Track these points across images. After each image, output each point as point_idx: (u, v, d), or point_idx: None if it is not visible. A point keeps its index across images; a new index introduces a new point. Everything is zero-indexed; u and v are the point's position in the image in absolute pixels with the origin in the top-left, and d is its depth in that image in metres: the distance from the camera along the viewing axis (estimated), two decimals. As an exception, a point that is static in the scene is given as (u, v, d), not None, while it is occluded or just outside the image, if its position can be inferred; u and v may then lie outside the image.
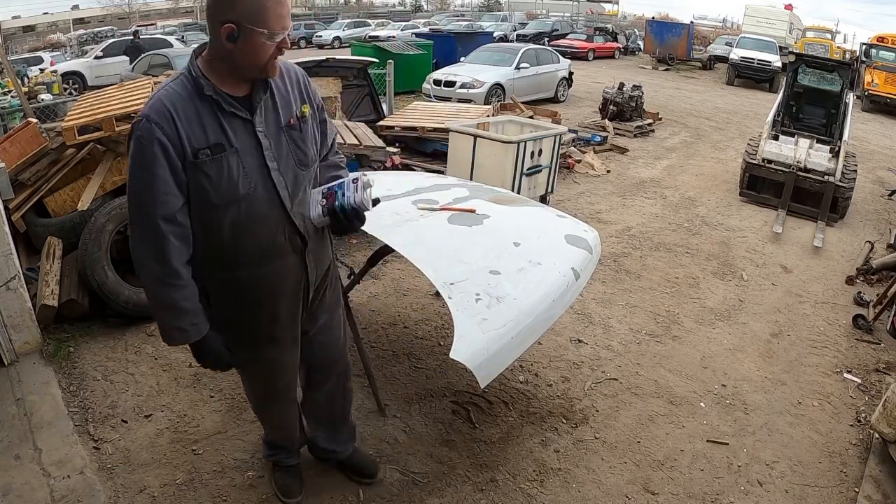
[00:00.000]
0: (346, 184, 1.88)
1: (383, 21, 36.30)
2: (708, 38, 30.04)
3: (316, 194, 1.91)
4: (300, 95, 1.89)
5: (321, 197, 1.89)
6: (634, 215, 6.94)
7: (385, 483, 2.72)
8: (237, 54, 1.63)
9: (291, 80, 1.88)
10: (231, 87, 1.71)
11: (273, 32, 1.61)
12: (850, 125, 7.81)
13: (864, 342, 4.49)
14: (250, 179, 1.75)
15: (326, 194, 1.89)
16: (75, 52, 22.17)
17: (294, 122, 1.83)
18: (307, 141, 1.88)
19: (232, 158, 1.71)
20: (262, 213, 1.80)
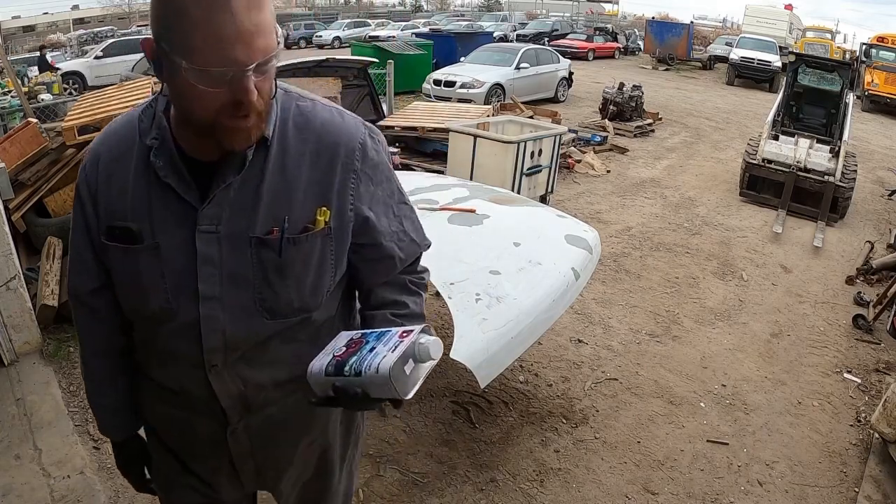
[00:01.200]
0: (389, 334, 1.04)
1: (383, 21, 36.30)
2: (708, 38, 30.04)
3: (338, 340, 1.10)
4: (325, 187, 1.07)
5: (343, 344, 1.07)
6: (634, 215, 6.94)
7: (385, 483, 2.72)
8: (170, 93, 0.97)
9: (322, 153, 1.06)
10: (192, 141, 1.01)
11: (201, 69, 0.86)
12: (850, 125, 7.81)
13: (864, 342, 4.49)
14: (169, 297, 1.04)
15: (351, 342, 1.07)
16: (75, 52, 22.18)
17: (276, 236, 1.03)
18: (290, 275, 1.07)
19: (144, 257, 1.03)
20: (177, 351, 1.09)
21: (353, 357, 1.01)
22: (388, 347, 0.99)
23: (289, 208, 1.03)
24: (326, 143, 1.06)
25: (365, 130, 1.11)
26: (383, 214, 1.14)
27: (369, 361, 0.97)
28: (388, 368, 0.94)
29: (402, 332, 1.02)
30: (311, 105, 1.09)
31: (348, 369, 0.99)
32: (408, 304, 1.19)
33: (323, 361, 1.04)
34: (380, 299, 1.20)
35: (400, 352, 0.96)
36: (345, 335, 1.10)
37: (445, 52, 15.49)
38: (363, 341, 1.04)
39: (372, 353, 0.98)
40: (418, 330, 1.01)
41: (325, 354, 1.06)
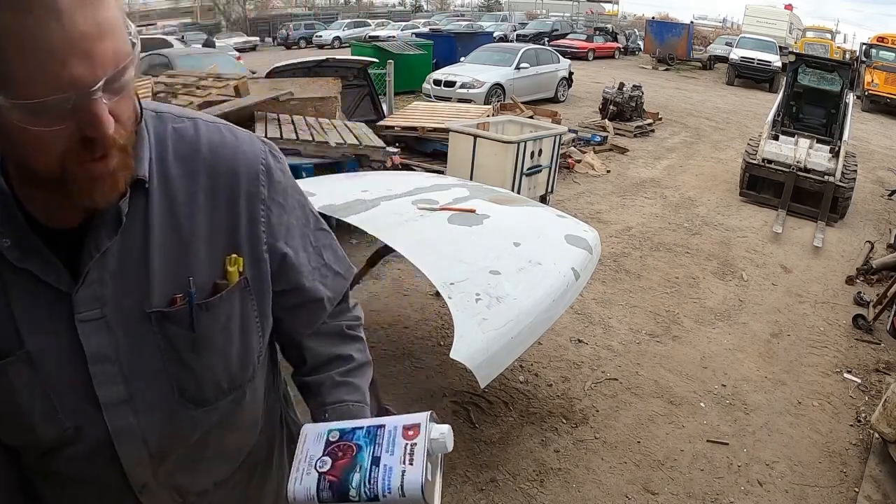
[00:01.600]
0: (386, 435, 0.81)
1: (383, 21, 36.31)
2: (708, 38, 30.04)
3: (308, 443, 0.85)
4: (230, 229, 0.84)
5: (322, 452, 0.82)
6: (634, 215, 6.94)
7: (385, 483, 2.72)
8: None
9: (219, 187, 0.83)
10: (44, 204, 0.74)
11: (28, 102, 0.61)
12: (850, 125, 7.81)
13: (864, 342, 4.49)
14: (61, 418, 0.78)
15: (334, 449, 0.82)
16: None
17: (181, 305, 0.80)
18: (210, 350, 0.84)
19: (17, 374, 0.75)
20: (91, 479, 0.84)
21: (352, 474, 0.76)
22: (398, 456, 0.75)
23: (190, 266, 0.79)
24: (221, 172, 0.82)
25: (265, 148, 0.88)
26: (301, 248, 0.93)
27: (385, 481, 0.73)
28: (420, 489, 0.73)
29: (406, 429, 0.79)
30: (191, 126, 0.82)
31: (356, 494, 0.75)
32: (352, 356, 1.01)
33: (308, 485, 0.77)
34: (315, 356, 1.00)
35: (421, 463, 0.74)
36: (313, 434, 0.85)
37: (445, 52, 15.49)
38: (352, 447, 0.79)
39: (383, 469, 0.75)
40: (425, 423, 0.79)
41: (303, 472, 0.79)
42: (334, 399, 0.96)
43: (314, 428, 0.86)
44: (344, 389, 0.97)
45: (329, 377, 0.98)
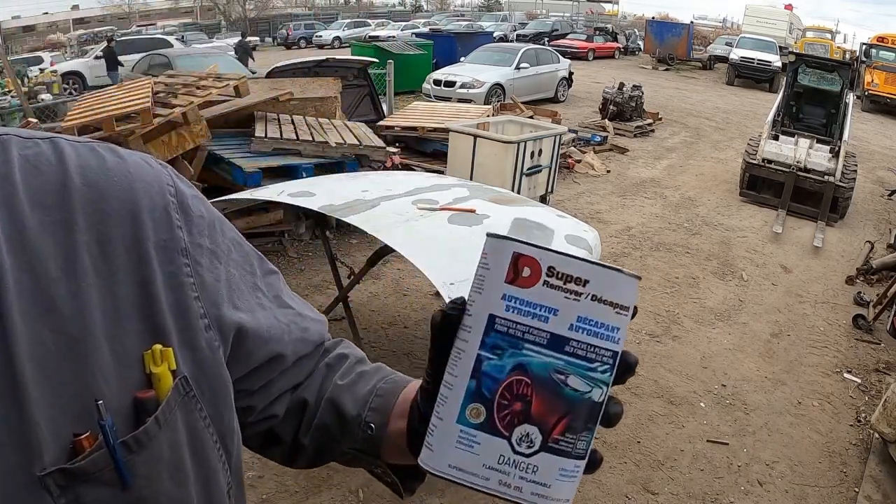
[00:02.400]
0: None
1: (383, 21, 36.32)
2: (708, 38, 30.04)
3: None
4: (140, 304, 0.50)
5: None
6: (634, 215, 6.94)
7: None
8: None
9: (109, 238, 0.50)
10: None
11: None
12: (850, 125, 7.82)
13: (864, 342, 4.49)
14: None
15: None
16: (75, 52, 22.19)
17: (92, 448, 0.45)
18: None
19: None
20: None
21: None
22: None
23: (90, 380, 0.46)
24: (110, 214, 0.50)
25: (167, 171, 0.57)
26: (258, 306, 0.62)
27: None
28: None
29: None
30: (49, 150, 0.51)
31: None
32: (345, 355, 0.75)
33: None
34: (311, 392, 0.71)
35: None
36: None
37: (445, 52, 15.49)
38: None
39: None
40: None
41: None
42: (365, 387, 0.69)
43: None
44: (366, 375, 0.72)
45: (336, 384, 0.71)
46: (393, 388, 0.68)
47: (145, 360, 0.50)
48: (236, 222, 4.94)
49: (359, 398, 0.68)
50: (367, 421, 0.66)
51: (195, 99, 4.89)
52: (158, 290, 0.52)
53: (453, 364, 0.49)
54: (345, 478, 2.70)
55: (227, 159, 4.89)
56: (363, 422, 0.66)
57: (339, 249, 5.12)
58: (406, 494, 0.71)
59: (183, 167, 4.70)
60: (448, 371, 0.50)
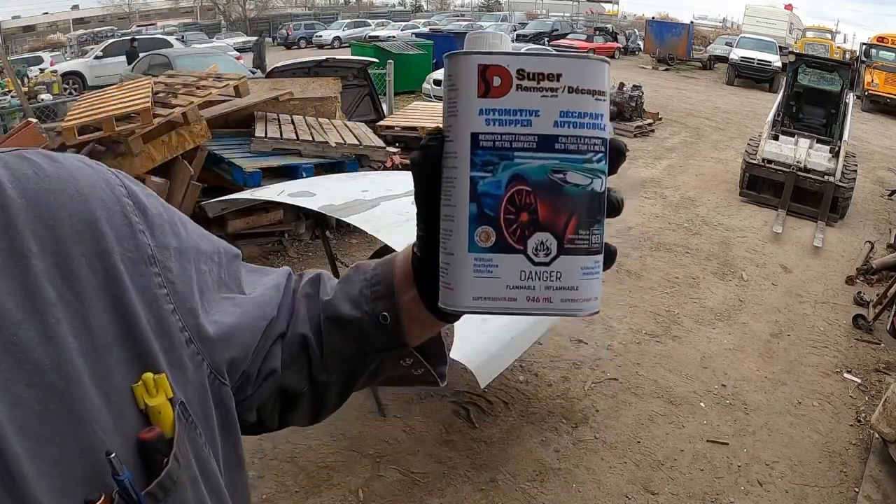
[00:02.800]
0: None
1: (383, 21, 36.31)
2: (708, 38, 30.02)
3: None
4: (123, 333, 0.44)
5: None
6: (634, 215, 6.93)
7: (385, 483, 2.72)
8: None
9: (73, 265, 0.42)
10: None
11: None
12: (850, 125, 7.81)
13: (864, 342, 4.49)
14: None
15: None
16: (75, 52, 22.19)
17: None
18: None
19: None
20: None
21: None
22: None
23: (88, 431, 0.40)
24: (65, 229, 0.43)
25: (108, 170, 0.51)
26: (230, 304, 0.57)
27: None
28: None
29: None
30: None
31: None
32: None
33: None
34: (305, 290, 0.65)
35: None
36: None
37: (445, 51, 15.42)
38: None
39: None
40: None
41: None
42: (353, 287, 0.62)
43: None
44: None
45: (324, 301, 0.63)
46: (384, 268, 0.61)
47: (136, 393, 0.43)
48: (236, 222, 4.95)
49: (356, 298, 0.61)
50: (377, 313, 0.59)
51: (195, 99, 4.89)
52: (136, 310, 0.45)
53: (447, 195, 0.48)
54: (345, 478, 2.71)
55: (227, 159, 4.89)
56: (373, 317, 0.59)
57: (338, 249, 5.12)
58: (441, 382, 0.66)
59: (183, 167, 4.70)
60: (444, 204, 0.48)
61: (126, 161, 4.51)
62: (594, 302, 0.49)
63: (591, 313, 0.49)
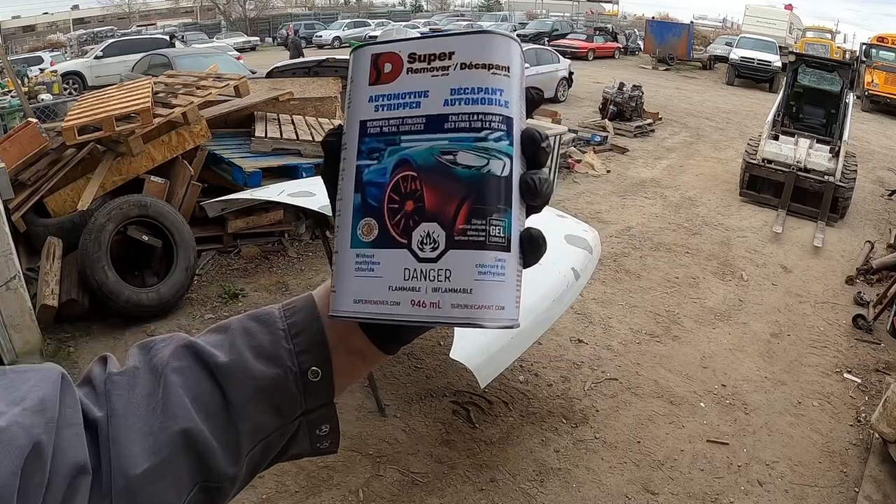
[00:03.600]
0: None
1: (383, 21, 36.30)
2: (708, 38, 30.01)
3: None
4: None
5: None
6: (634, 215, 6.93)
7: (385, 483, 2.72)
8: None
9: None
10: None
11: None
12: (850, 125, 7.81)
13: (864, 342, 4.49)
14: None
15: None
16: (75, 52, 22.18)
17: None
18: None
19: None
20: None
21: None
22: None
23: None
24: None
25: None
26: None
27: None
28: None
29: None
30: None
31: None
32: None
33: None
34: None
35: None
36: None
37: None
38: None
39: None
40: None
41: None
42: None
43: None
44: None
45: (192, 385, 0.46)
46: (303, 308, 0.49)
47: None
48: (236, 222, 4.95)
49: (273, 353, 0.47)
50: (305, 368, 0.47)
51: (195, 99, 4.89)
52: None
53: (339, 190, 0.43)
54: (345, 478, 2.71)
55: (227, 159, 4.89)
56: (299, 373, 0.47)
57: (339, 249, 5.11)
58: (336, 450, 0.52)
59: (183, 167, 4.70)
60: (337, 199, 0.44)
61: (126, 161, 4.52)
62: (499, 311, 0.39)
63: (496, 326, 0.39)
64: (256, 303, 4.32)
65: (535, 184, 0.41)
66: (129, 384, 0.44)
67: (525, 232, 0.41)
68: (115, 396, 0.43)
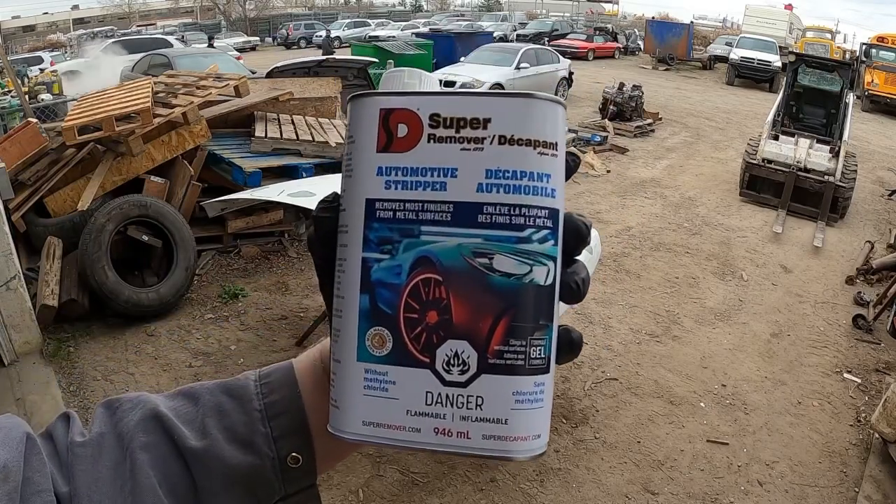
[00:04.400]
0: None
1: (383, 21, 36.30)
2: (708, 38, 30.01)
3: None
4: None
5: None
6: (634, 215, 6.93)
7: (385, 483, 2.72)
8: None
9: None
10: None
11: None
12: (850, 125, 7.81)
13: (864, 342, 4.49)
14: None
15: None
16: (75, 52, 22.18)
17: None
18: None
19: None
20: None
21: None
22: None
23: None
24: None
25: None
26: None
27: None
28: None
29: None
30: None
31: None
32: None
33: None
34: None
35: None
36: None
37: (445, 52, 15.48)
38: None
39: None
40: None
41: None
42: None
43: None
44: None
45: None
46: (283, 386, 0.45)
47: None
48: (236, 222, 4.95)
49: (246, 438, 0.43)
50: (284, 455, 0.44)
51: (195, 99, 4.89)
52: None
53: (338, 283, 0.36)
54: (345, 478, 2.71)
55: (227, 159, 4.89)
56: (277, 460, 0.44)
57: (339, 249, 5.11)
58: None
59: (183, 167, 4.70)
60: (335, 294, 0.36)
61: (126, 161, 4.52)
62: (535, 441, 0.34)
63: (531, 457, 0.35)
64: (256, 302, 4.32)
65: (579, 287, 0.37)
66: (94, 456, 0.40)
67: (565, 335, 0.37)
68: (78, 471, 0.39)
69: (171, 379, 3.40)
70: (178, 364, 3.54)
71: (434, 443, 0.34)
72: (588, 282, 0.38)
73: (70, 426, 0.43)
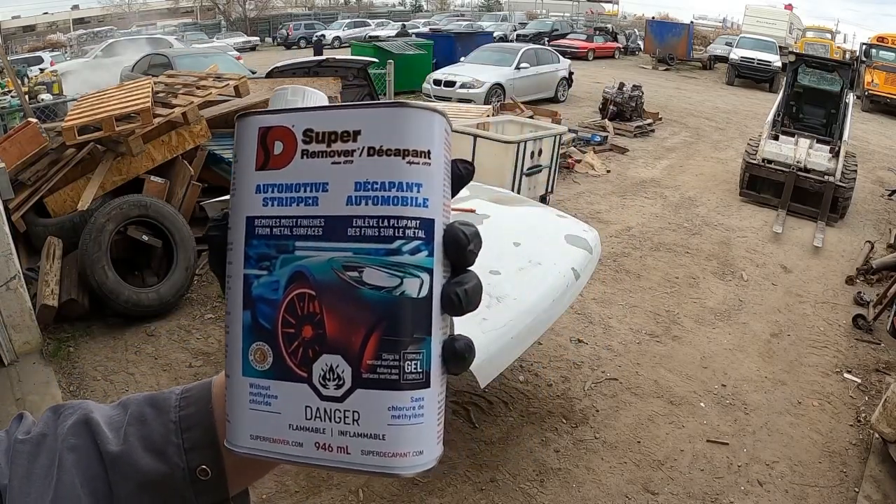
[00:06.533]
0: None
1: (383, 21, 36.28)
2: (708, 38, 30.01)
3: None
4: None
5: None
6: (634, 215, 6.93)
7: (385, 483, 2.72)
8: None
9: None
10: None
11: None
12: (850, 125, 7.81)
13: (864, 342, 4.49)
14: None
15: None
16: (75, 52, 22.18)
17: None
18: None
19: None
20: None
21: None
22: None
23: None
24: None
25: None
26: None
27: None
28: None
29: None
30: None
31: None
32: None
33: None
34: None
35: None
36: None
37: (445, 52, 15.48)
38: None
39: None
40: None
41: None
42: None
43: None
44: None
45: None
46: (197, 401, 0.47)
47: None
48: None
49: (160, 447, 0.45)
50: (194, 466, 0.45)
51: (195, 99, 4.89)
52: None
53: (227, 299, 0.37)
54: (345, 477, 2.70)
55: (227, 159, 4.89)
56: (188, 471, 0.44)
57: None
58: None
59: (183, 167, 4.70)
60: (226, 311, 0.37)
61: (126, 161, 4.52)
62: (416, 458, 0.34)
63: (413, 473, 0.34)
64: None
65: (460, 299, 0.36)
66: (32, 453, 0.44)
67: (449, 346, 0.36)
68: (16, 466, 0.43)
69: (171, 379, 3.40)
70: (178, 364, 3.54)
71: (315, 457, 0.34)
72: (478, 292, 0.36)
73: (21, 424, 0.46)
